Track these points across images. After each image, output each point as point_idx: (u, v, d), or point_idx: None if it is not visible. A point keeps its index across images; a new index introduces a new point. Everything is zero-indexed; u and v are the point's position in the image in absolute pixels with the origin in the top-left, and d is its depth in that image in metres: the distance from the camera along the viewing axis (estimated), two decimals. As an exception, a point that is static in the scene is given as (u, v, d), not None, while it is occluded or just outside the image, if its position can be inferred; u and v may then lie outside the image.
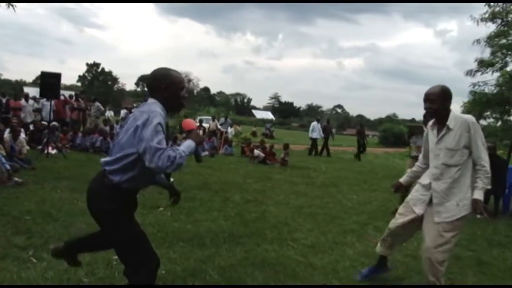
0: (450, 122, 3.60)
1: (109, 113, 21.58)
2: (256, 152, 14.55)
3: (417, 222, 3.83)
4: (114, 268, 3.94)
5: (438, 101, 3.61)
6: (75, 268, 3.86)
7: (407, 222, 3.87)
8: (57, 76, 11.81)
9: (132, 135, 2.65)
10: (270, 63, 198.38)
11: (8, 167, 7.61)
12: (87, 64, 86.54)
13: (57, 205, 6.04)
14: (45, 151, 11.45)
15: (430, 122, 3.87)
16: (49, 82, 11.56)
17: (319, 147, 20.28)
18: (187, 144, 2.78)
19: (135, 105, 47.34)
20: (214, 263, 4.24)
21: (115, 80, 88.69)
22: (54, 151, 11.90)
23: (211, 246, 4.83)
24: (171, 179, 7.97)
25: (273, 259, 4.53)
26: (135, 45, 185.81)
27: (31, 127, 13.94)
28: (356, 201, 8.36)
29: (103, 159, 2.85)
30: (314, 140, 20.20)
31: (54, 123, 13.34)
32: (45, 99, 16.03)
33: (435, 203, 3.63)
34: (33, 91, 18.21)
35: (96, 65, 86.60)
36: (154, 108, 2.73)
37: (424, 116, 6.68)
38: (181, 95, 2.91)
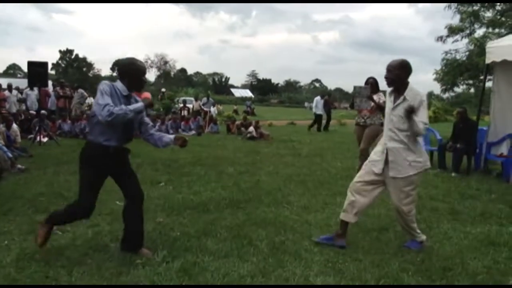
0: (407, 94, 4.12)
1: (90, 100, 21.80)
2: (251, 128, 15.08)
3: (377, 184, 4.30)
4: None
5: (394, 72, 4.13)
6: (102, 234, 4.38)
7: (368, 182, 4.30)
8: (44, 65, 12.06)
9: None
10: (245, 40, 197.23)
11: (10, 155, 7.99)
12: (60, 51, 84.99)
13: (65, 187, 6.47)
14: (37, 140, 11.75)
15: (389, 90, 4.33)
16: (36, 71, 11.78)
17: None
18: (135, 104, 3.71)
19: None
20: (221, 224, 4.77)
21: (90, 66, 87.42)
22: (45, 139, 12.19)
23: (215, 211, 5.37)
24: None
25: (272, 219, 5.08)
26: (107, 29, 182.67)
27: (21, 116, 14.16)
28: (341, 168, 8.94)
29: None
30: (317, 116, 19.97)
31: (43, 111, 13.60)
32: (28, 88, 16.24)
33: (391, 160, 4.16)
34: (4, 82, 18.20)
35: (70, 51, 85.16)
36: (103, 82, 3.69)
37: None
38: (143, 80, 3.85)
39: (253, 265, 3.72)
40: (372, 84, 7.71)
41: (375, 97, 7.55)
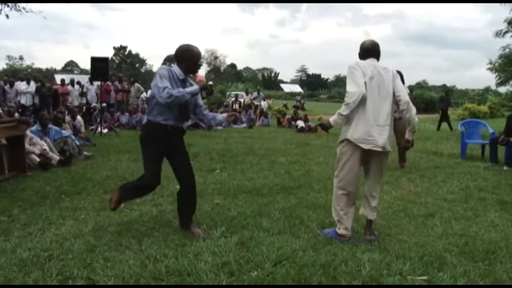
0: None
1: (144, 94, 22.59)
2: (300, 122, 15.45)
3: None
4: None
5: None
6: (165, 212, 4.82)
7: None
8: (106, 60, 12.79)
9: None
10: (295, 35, 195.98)
11: (77, 143, 8.65)
12: (114, 47, 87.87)
13: (128, 171, 7.00)
14: (98, 131, 12.50)
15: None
16: (98, 66, 12.51)
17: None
18: (191, 87, 4.06)
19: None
20: (274, 207, 5.12)
21: (142, 62, 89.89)
22: (105, 130, 12.94)
23: (268, 195, 5.72)
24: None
25: (322, 203, 5.39)
26: (158, 26, 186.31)
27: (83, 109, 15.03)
28: (391, 160, 9.05)
29: None
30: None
31: (103, 104, 14.40)
32: (88, 83, 17.15)
33: None
34: (66, 78, 19.37)
35: (123, 48, 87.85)
36: (162, 66, 4.08)
37: None
38: (198, 64, 4.23)
39: (304, 241, 4.04)
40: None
41: None
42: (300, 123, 15.47)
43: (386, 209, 5.29)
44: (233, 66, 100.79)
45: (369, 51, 4.33)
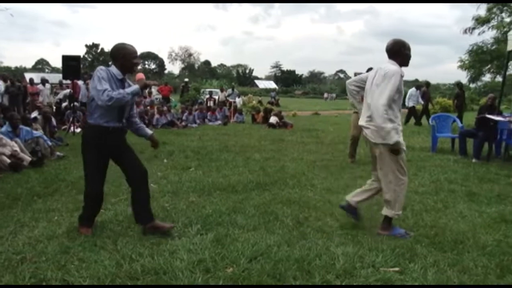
0: None
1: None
2: (272, 118, 15.52)
3: None
4: (167, 211, 4.84)
5: None
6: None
7: None
8: (77, 59, 12.59)
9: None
10: (269, 31, 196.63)
11: (50, 143, 8.52)
12: (86, 45, 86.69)
13: (102, 171, 6.92)
14: (71, 130, 12.32)
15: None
16: (70, 65, 12.30)
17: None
18: (131, 87, 3.96)
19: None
20: (249, 203, 5.16)
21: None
22: (78, 130, 12.74)
23: (243, 192, 5.75)
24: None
25: (297, 199, 5.45)
26: (132, 22, 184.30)
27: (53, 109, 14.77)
28: (364, 154, 9.19)
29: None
30: (410, 108, 18.03)
31: (76, 103, 14.17)
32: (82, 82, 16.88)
33: None
34: (36, 76, 19.07)
35: (96, 45, 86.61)
36: (99, 67, 3.92)
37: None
38: (133, 62, 4.04)
39: (279, 236, 4.09)
40: None
41: None
42: (273, 119, 15.52)
43: (359, 203, 5.37)
44: (207, 63, 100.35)
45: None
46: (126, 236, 4.08)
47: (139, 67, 4.31)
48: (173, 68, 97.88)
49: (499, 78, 18.69)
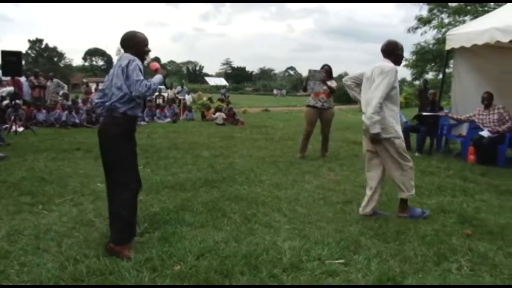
0: None
1: (64, 90, 21.71)
2: (218, 114, 15.49)
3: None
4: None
5: None
6: (86, 212, 4.70)
7: None
8: (18, 54, 12.13)
9: (121, 75, 3.65)
10: (220, 28, 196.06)
11: (-11, 143, 8.19)
12: (29, 40, 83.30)
13: (46, 171, 6.71)
14: (13, 129, 11.86)
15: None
16: (10, 61, 11.84)
17: None
18: (157, 77, 3.85)
19: (84, 80, 46.43)
20: (197, 200, 5.14)
21: (61, 55, 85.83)
22: (21, 129, 12.29)
23: (191, 189, 5.73)
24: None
25: (245, 195, 5.48)
26: (78, 17, 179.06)
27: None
28: (312, 150, 9.35)
29: (106, 104, 3.80)
30: None
31: (17, 101, 13.65)
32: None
33: None
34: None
35: (39, 41, 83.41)
36: (130, 56, 3.73)
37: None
38: (145, 50, 3.92)
39: (227, 233, 4.11)
40: (327, 70, 8.29)
41: (328, 83, 8.15)
42: (219, 117, 15.52)
43: (307, 198, 5.49)
44: (157, 59, 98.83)
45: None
46: (71, 237, 3.99)
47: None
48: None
49: (441, 76, 19.54)
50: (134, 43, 3.87)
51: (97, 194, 5.40)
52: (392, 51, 4.72)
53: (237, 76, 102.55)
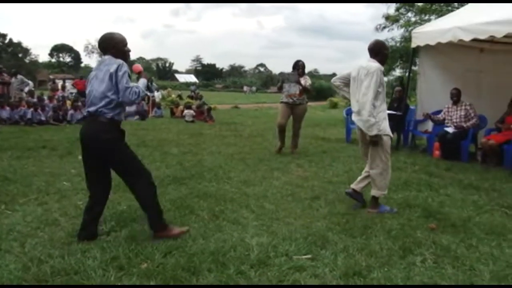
0: None
1: (29, 87, 21.20)
2: (187, 111, 15.42)
3: None
4: (80, 209, 4.68)
5: None
6: (51, 211, 4.61)
7: None
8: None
9: (109, 81, 3.64)
10: (190, 25, 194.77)
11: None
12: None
13: (10, 170, 6.55)
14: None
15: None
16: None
17: None
18: (142, 82, 3.86)
19: (51, 77, 45.40)
20: (165, 198, 5.08)
21: (26, 51, 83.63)
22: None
23: (159, 187, 5.56)
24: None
25: (213, 192, 5.47)
26: (42, 12, 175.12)
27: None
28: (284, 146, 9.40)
29: (89, 109, 3.79)
30: None
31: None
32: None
33: None
34: None
35: (3, 35, 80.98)
36: (117, 60, 3.70)
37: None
38: (125, 50, 3.89)
39: (195, 230, 4.10)
40: (302, 66, 8.37)
41: (301, 80, 8.26)
42: (189, 113, 15.46)
43: (275, 194, 5.51)
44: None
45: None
46: (35, 237, 3.92)
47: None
48: (90, 61, 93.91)
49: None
50: (113, 45, 3.84)
51: (62, 193, 5.31)
52: (379, 51, 4.91)
53: (207, 73, 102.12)
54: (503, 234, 4.28)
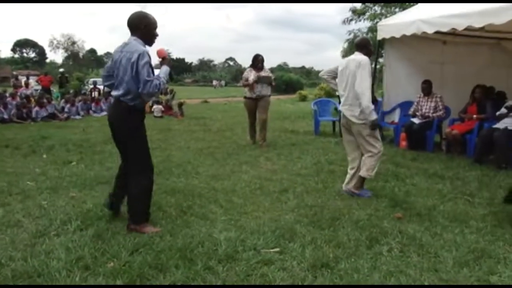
0: None
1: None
2: (155, 106, 15.28)
3: None
4: (45, 209, 4.59)
5: None
6: (13, 212, 4.49)
7: None
8: None
9: (130, 71, 3.68)
10: (157, 19, 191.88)
11: None
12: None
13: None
14: None
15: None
16: None
17: None
18: (164, 70, 3.89)
19: (14, 73, 44.25)
20: (132, 195, 5.02)
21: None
22: None
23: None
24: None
25: (182, 187, 5.44)
26: (6, 7, 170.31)
27: None
28: (250, 140, 9.41)
29: (114, 93, 3.91)
30: None
31: None
32: None
33: None
34: None
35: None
36: (139, 47, 3.71)
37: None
38: (154, 33, 3.90)
39: (162, 227, 4.06)
40: (261, 61, 8.49)
41: (262, 72, 8.47)
42: (158, 108, 15.32)
43: (244, 188, 5.51)
44: (93, 51, 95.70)
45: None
46: (-4, 239, 3.81)
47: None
48: (55, 57, 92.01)
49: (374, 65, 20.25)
50: (145, 24, 3.81)
51: (26, 193, 5.18)
52: (365, 46, 5.24)
53: (176, 68, 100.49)
54: (466, 221, 4.38)
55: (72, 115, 14.82)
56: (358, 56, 5.11)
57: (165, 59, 3.99)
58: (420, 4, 9.72)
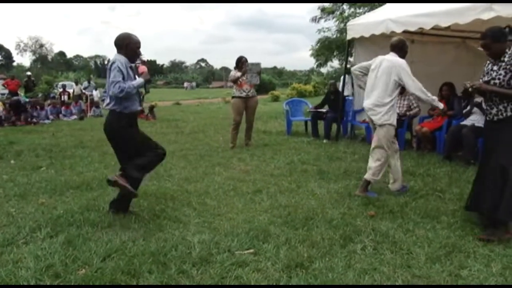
0: None
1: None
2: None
3: None
4: (13, 217, 4.47)
5: None
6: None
7: None
8: None
9: (108, 78, 4.17)
10: (128, 21, 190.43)
11: None
12: None
13: None
14: None
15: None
16: None
17: None
18: (137, 80, 4.32)
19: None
20: (104, 200, 4.95)
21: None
22: None
23: (98, 189, 5.51)
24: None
25: (154, 190, 5.38)
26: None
27: None
28: (222, 141, 9.38)
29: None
30: None
31: None
32: None
33: None
34: None
35: None
36: (116, 57, 4.21)
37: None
38: (136, 52, 4.36)
39: (135, 231, 4.00)
40: (245, 62, 8.43)
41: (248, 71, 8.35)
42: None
43: (217, 190, 5.48)
44: (62, 54, 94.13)
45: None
46: (-40, 250, 3.69)
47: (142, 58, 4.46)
48: (23, 60, 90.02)
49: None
50: (127, 43, 4.26)
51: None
52: (401, 48, 5.26)
53: (148, 70, 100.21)
54: (437, 217, 4.46)
55: (42, 120, 14.51)
56: (394, 58, 5.16)
57: (143, 73, 4.56)
58: (388, 4, 9.84)
